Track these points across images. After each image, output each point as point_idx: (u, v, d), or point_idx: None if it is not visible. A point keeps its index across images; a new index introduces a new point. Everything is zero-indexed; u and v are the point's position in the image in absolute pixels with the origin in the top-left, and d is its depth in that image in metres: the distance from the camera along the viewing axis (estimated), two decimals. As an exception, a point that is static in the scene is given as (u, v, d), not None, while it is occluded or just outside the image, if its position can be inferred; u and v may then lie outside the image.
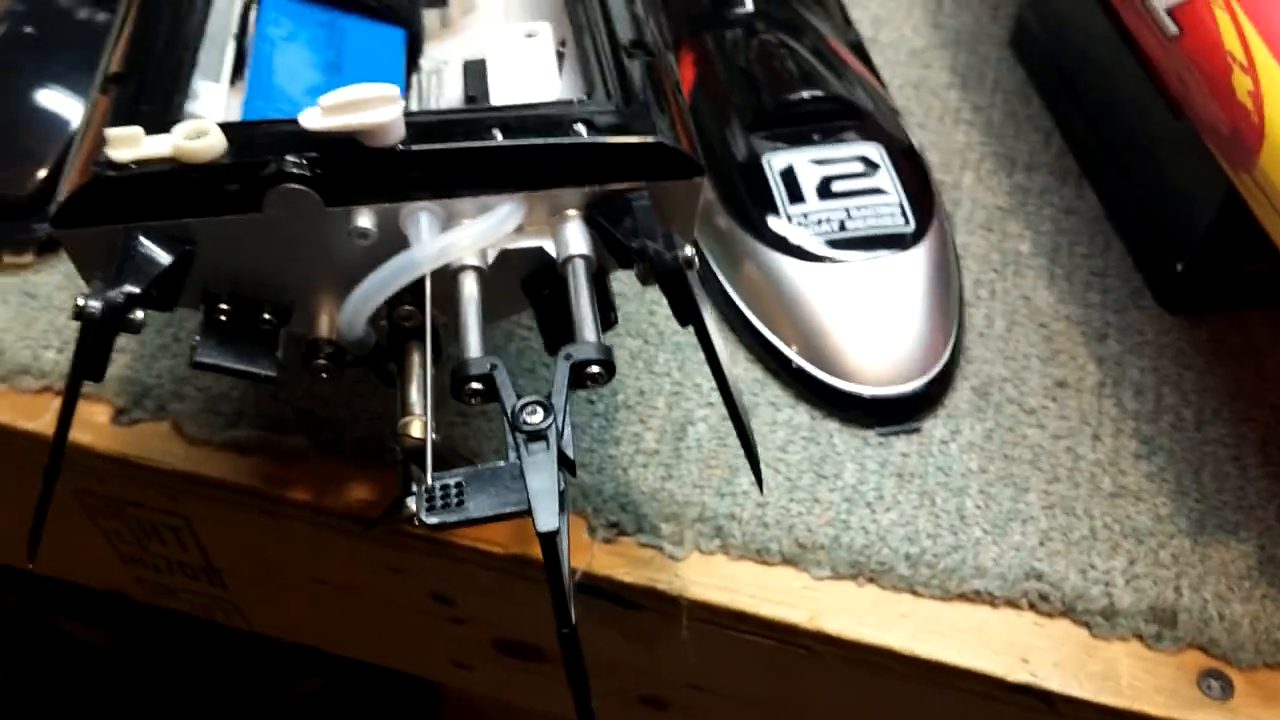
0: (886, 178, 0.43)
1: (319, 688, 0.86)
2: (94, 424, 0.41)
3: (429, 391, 0.28)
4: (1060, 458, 0.39)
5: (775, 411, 0.40)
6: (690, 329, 0.30)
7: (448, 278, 0.29)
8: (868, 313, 0.40)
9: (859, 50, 0.52)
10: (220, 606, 0.48)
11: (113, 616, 0.84)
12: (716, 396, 0.41)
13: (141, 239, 0.28)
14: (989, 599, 0.36)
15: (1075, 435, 0.40)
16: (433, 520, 0.24)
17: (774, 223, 0.42)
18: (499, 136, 0.29)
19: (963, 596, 0.36)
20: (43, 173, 0.45)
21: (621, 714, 0.46)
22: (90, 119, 0.30)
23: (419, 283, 0.29)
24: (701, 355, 0.41)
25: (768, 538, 0.37)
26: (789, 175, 0.43)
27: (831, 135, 0.44)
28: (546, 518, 0.24)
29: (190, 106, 0.32)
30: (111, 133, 0.28)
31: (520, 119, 0.29)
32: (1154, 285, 0.44)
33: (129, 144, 0.28)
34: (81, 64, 0.47)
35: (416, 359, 0.31)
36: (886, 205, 0.42)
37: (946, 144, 0.50)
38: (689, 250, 0.29)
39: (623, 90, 0.31)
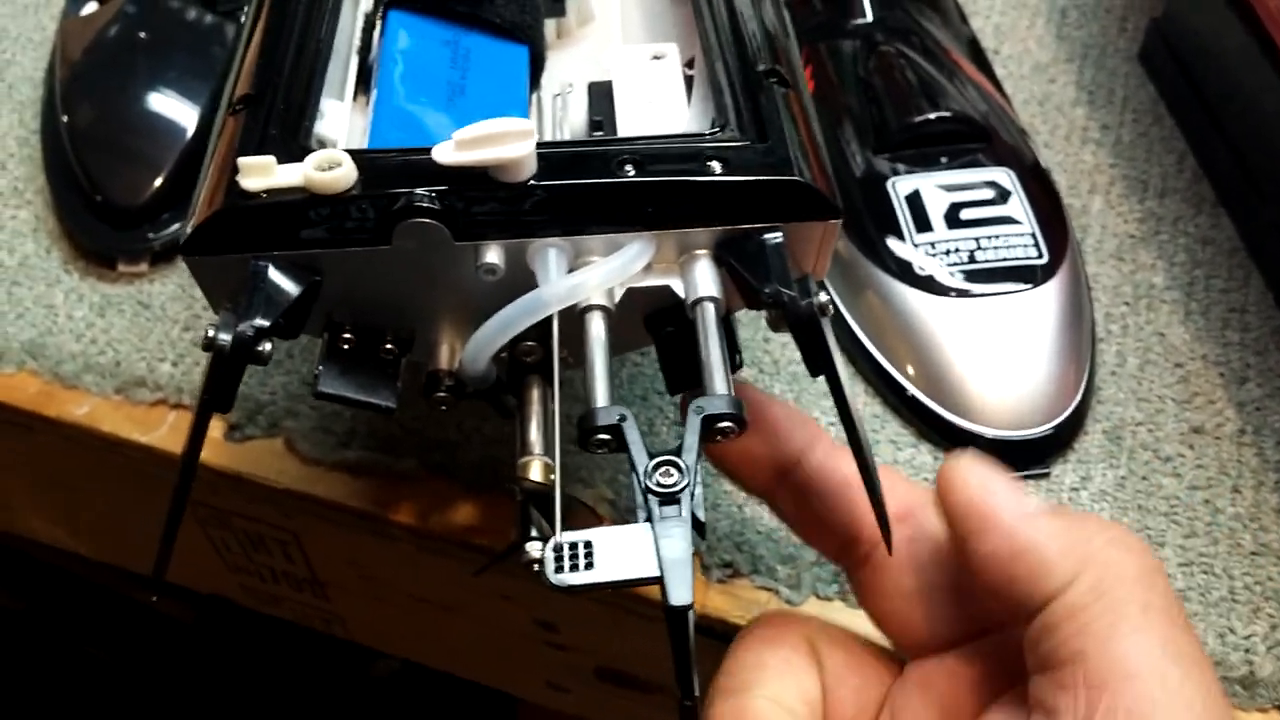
0: (1018, 205, 0.41)
1: (397, 668, 0.87)
2: (208, 439, 0.41)
3: (556, 435, 0.27)
4: (1197, 510, 0.37)
5: (896, 450, 0.39)
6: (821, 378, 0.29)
7: (574, 316, 0.28)
8: (998, 350, 0.38)
9: (982, 63, 0.50)
10: (321, 616, 0.48)
11: (196, 592, 0.86)
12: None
13: (271, 270, 0.27)
14: (1120, 658, 0.35)
15: (1213, 486, 0.38)
16: (562, 583, 0.23)
17: (900, 251, 0.40)
18: (631, 172, 0.28)
19: (1092, 654, 0.35)
20: (159, 180, 0.45)
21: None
22: (219, 142, 0.29)
23: (544, 319, 0.28)
24: (819, 387, 0.40)
25: (886, 583, 0.36)
26: (915, 201, 0.41)
27: (959, 158, 0.43)
28: (680, 591, 0.23)
29: (316, 126, 0.31)
30: (244, 162, 0.27)
31: (652, 154, 0.28)
32: (1300, 325, 0.42)
33: (261, 173, 0.27)
34: (194, 69, 0.48)
35: (537, 395, 0.30)
36: (1018, 235, 0.40)
37: (1074, 165, 0.47)
38: (823, 297, 0.27)
39: (756, 123, 0.29)
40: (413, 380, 0.32)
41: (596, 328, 0.28)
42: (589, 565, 0.23)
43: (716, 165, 0.28)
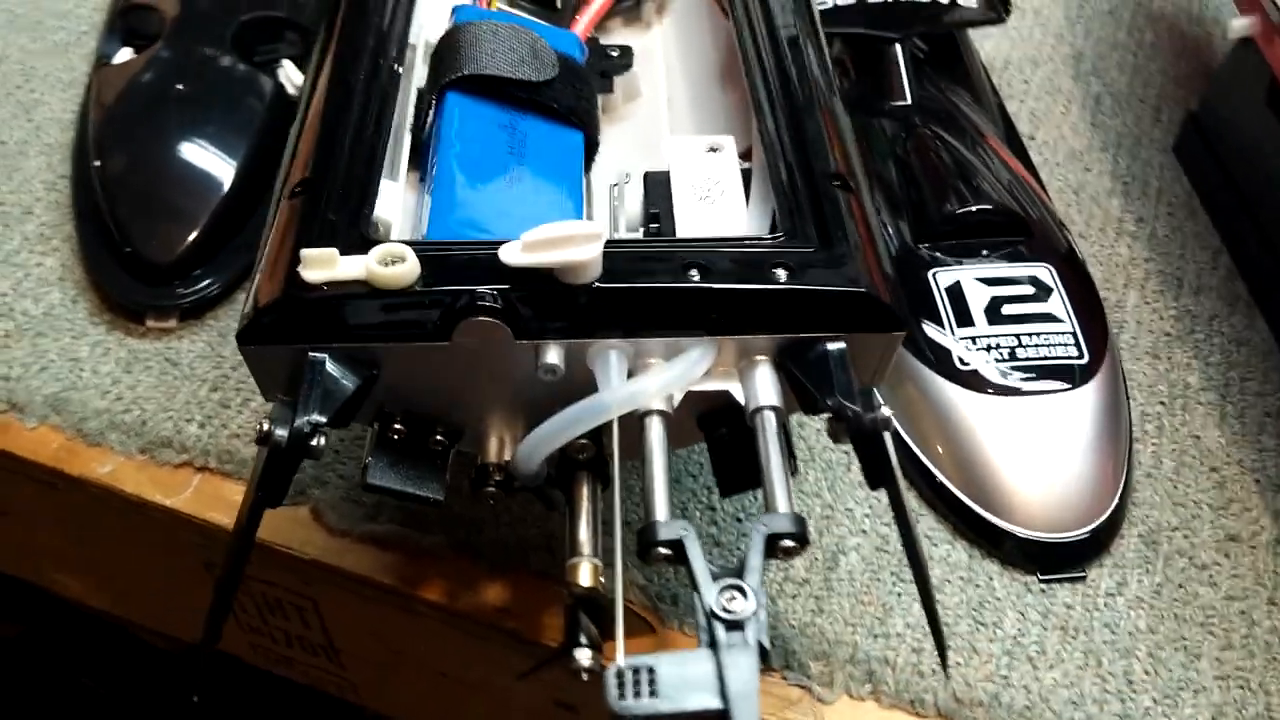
0: (1059, 303, 0.41)
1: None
2: (229, 503, 0.40)
3: (618, 543, 0.27)
4: (1234, 622, 0.37)
5: (931, 546, 0.39)
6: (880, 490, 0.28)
7: (632, 419, 0.28)
8: (1037, 450, 0.38)
9: (1018, 149, 0.50)
10: (334, 682, 0.47)
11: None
12: (870, 524, 0.39)
13: (328, 363, 0.27)
14: (1156, 773, 0.34)
15: (1250, 597, 0.38)
16: (626, 711, 0.23)
17: (940, 343, 0.40)
18: (695, 277, 0.28)
19: (1127, 769, 0.34)
20: (192, 236, 0.44)
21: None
22: (277, 227, 0.29)
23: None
24: (854, 477, 0.40)
25: (923, 688, 0.35)
26: (956, 293, 0.41)
27: (999, 250, 0.42)
28: None
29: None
30: (308, 254, 0.27)
31: (717, 258, 0.28)
32: (1336, 433, 0.42)
33: (324, 265, 0.27)
34: (231, 121, 0.47)
35: (587, 493, 0.30)
36: (1059, 334, 0.40)
37: (1109, 258, 0.47)
38: (885, 410, 0.27)
39: (820, 229, 0.29)
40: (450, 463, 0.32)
41: (656, 433, 0.27)
42: (652, 693, 0.23)
43: (781, 273, 0.28)
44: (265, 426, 0.26)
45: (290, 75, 0.50)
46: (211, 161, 0.46)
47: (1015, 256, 0.42)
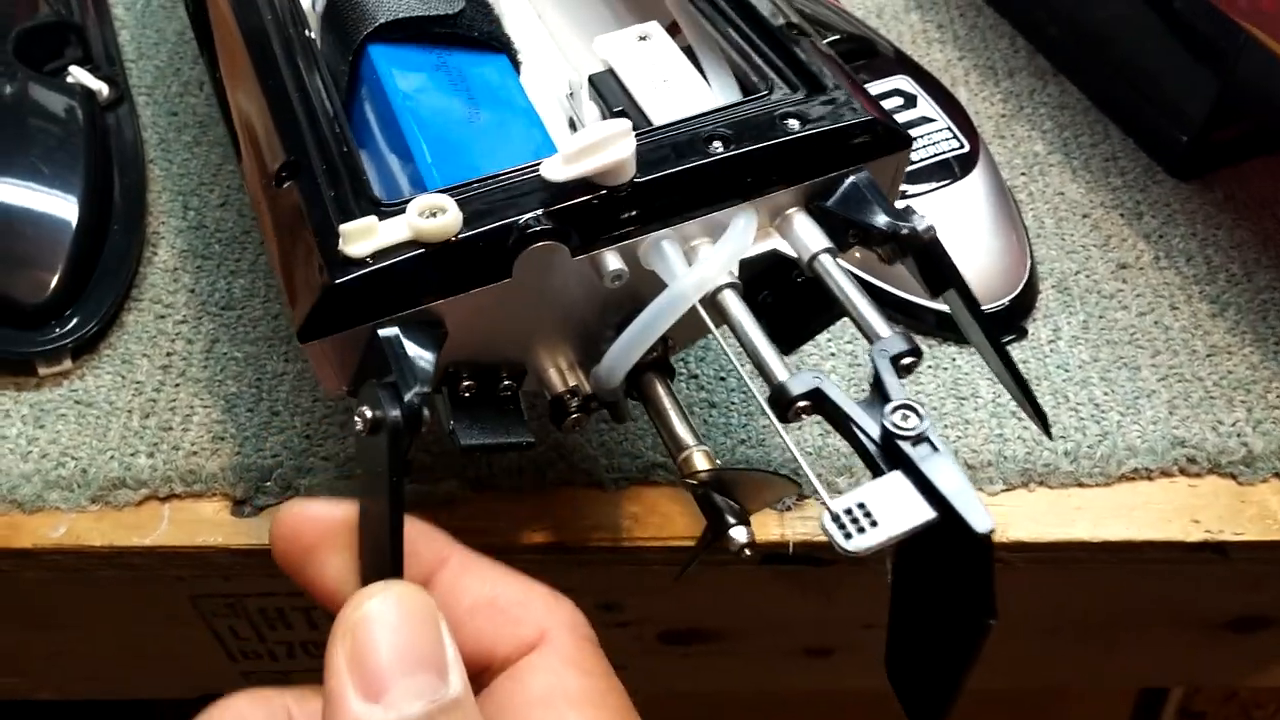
0: (928, 105, 0.44)
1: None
2: (214, 522, 0.38)
3: (764, 403, 0.26)
4: (1152, 332, 0.42)
5: (895, 350, 0.42)
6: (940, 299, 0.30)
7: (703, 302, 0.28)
8: (958, 236, 0.41)
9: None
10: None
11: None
12: (834, 345, 0.41)
13: (401, 333, 0.26)
14: (1146, 474, 0.39)
15: (1155, 309, 0.43)
16: (859, 547, 0.24)
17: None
18: (720, 149, 0.28)
19: (1123, 478, 0.39)
20: (55, 279, 0.41)
21: (782, 666, 0.47)
22: (280, 219, 0.27)
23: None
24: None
25: (939, 472, 0.38)
26: (840, 119, 0.43)
27: (857, 74, 0.45)
28: (982, 517, 0.23)
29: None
30: (348, 228, 0.25)
31: (729, 126, 0.29)
32: (1164, 159, 0.47)
33: (366, 235, 0.26)
34: (57, 153, 0.43)
35: (663, 390, 0.30)
36: (939, 130, 0.43)
37: (930, 64, 0.51)
38: (928, 219, 0.29)
39: (805, 77, 0.30)
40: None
41: (736, 305, 0.28)
42: (873, 524, 0.24)
43: (794, 123, 0.29)
44: (370, 415, 0.25)
45: (84, 80, 0.46)
46: (51, 201, 0.42)
47: (874, 77, 0.45)
